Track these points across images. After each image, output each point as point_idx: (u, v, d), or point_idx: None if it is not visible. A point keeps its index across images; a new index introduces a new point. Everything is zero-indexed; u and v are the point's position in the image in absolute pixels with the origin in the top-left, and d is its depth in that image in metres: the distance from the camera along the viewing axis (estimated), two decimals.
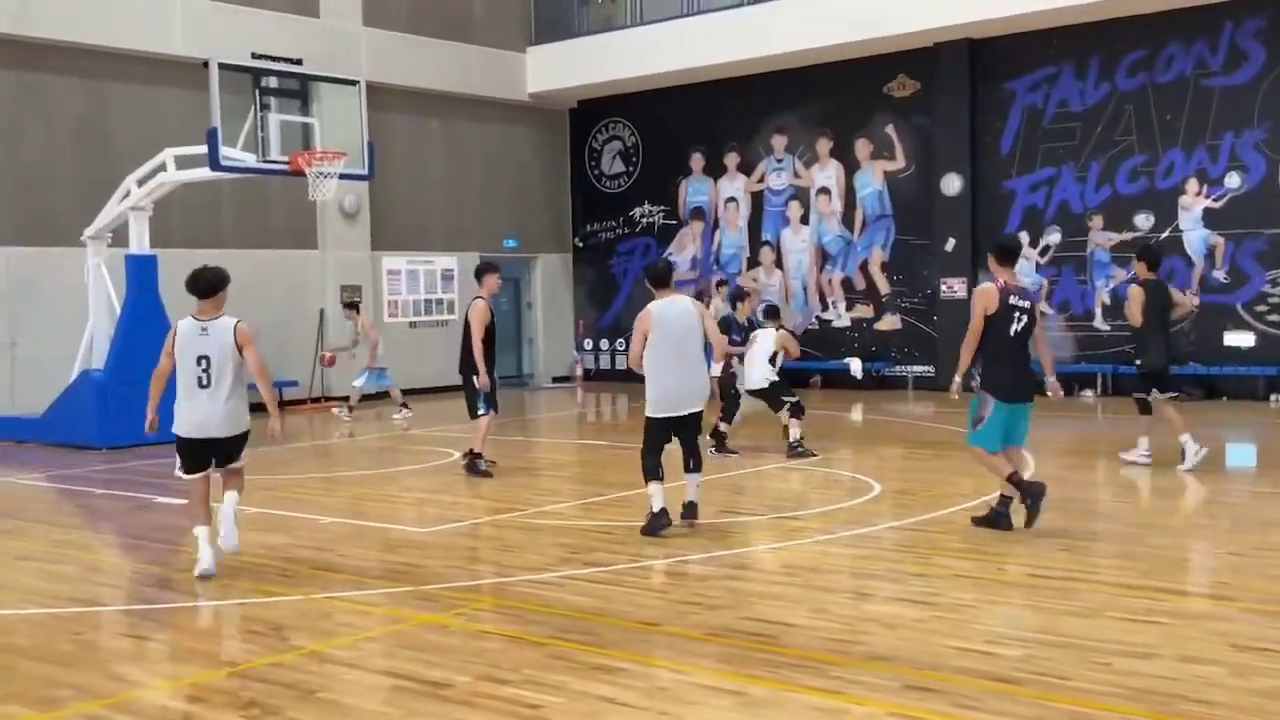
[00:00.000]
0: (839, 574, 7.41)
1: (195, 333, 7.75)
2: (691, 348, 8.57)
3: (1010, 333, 8.31)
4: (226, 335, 7.70)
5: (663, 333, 8.50)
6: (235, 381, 7.72)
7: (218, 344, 7.69)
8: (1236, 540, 8.21)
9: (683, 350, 8.52)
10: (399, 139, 20.69)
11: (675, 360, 8.49)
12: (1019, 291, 8.41)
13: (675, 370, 8.50)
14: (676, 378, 8.50)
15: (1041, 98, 18.60)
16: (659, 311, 8.56)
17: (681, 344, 8.51)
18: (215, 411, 7.70)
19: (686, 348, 8.54)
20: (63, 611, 7.02)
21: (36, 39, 16.73)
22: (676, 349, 8.49)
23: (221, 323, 7.77)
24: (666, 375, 8.50)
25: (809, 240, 21.16)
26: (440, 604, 6.88)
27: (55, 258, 16.47)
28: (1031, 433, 8.97)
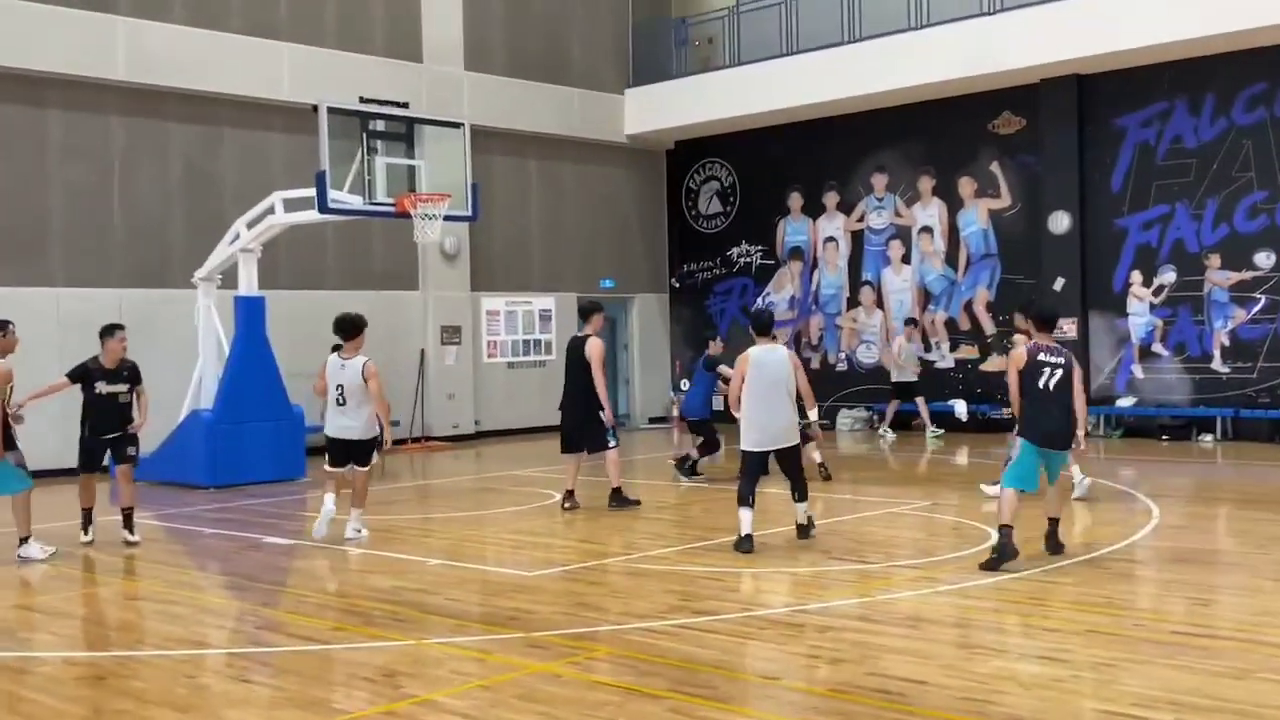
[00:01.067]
0: (965, 627, 7.10)
1: (337, 366, 10.35)
2: (780, 392, 9.57)
3: (1041, 385, 8.91)
4: (356, 371, 10.23)
5: (756, 376, 9.54)
6: (364, 403, 10.26)
7: (351, 376, 10.23)
8: None
9: (774, 393, 9.54)
10: (498, 180, 20.84)
11: (766, 402, 9.52)
12: (1051, 349, 9.00)
13: (765, 410, 9.53)
14: (765, 416, 9.53)
15: (1154, 134, 18.09)
16: (756, 356, 9.61)
17: (774, 387, 9.53)
18: (350, 422, 10.33)
19: (778, 391, 9.55)
20: (176, 654, 7.00)
21: (149, 85, 17.17)
22: (769, 392, 9.52)
23: (355, 361, 10.27)
24: (757, 414, 9.54)
25: (911, 280, 20.81)
26: (552, 652, 6.73)
27: (167, 299, 16.80)
28: (1154, 479, 8.68)
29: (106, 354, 10.73)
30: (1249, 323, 17.29)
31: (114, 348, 10.73)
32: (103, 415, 10.68)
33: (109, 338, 10.76)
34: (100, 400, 10.65)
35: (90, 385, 10.65)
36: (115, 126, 17.12)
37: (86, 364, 10.75)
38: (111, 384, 10.69)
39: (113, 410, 10.73)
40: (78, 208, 16.79)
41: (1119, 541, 9.77)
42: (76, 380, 10.67)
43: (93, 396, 10.65)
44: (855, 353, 21.47)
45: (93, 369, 10.70)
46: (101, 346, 10.76)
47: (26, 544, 9.91)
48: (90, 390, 10.65)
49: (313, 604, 8.17)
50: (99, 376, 10.67)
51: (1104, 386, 18.58)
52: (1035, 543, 9.76)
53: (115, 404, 10.73)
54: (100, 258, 16.92)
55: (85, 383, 10.65)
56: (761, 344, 9.69)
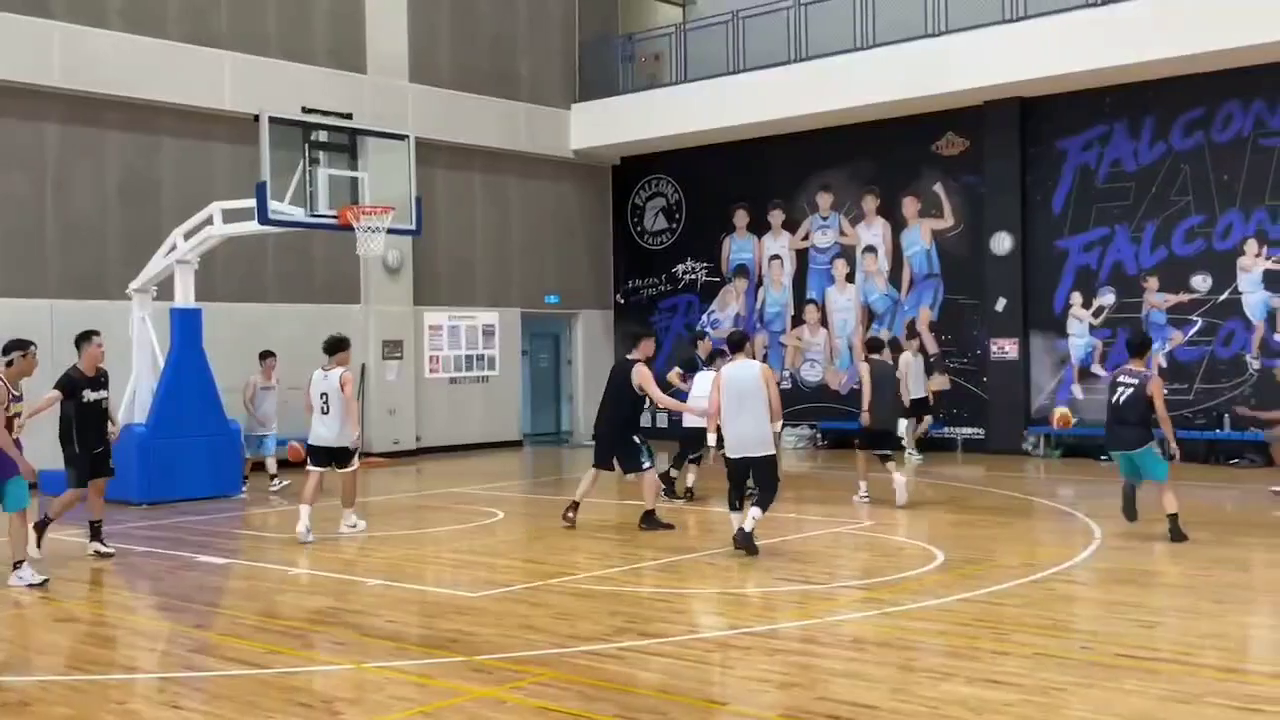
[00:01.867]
0: (914, 650, 7.05)
1: (321, 378, 11.67)
2: (750, 403, 10.09)
3: (1113, 400, 11.01)
4: (335, 380, 11.54)
5: (727, 389, 10.21)
6: (345, 412, 11.53)
7: (332, 387, 11.53)
8: None
9: (743, 405, 10.10)
10: (443, 194, 20.65)
11: (734, 413, 10.15)
12: (1130, 372, 11.04)
13: (738, 420, 10.14)
14: (739, 427, 10.13)
15: (1094, 157, 18.33)
16: (728, 372, 10.37)
17: (742, 399, 10.11)
18: (331, 430, 11.53)
19: (746, 403, 10.10)
20: (105, 678, 6.76)
21: (88, 93, 16.81)
22: (737, 403, 10.13)
23: (335, 372, 11.60)
24: (731, 424, 10.18)
25: (855, 299, 20.90)
26: (496, 676, 6.57)
27: (101, 310, 16.35)
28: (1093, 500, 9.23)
29: (86, 360, 10.35)
30: (1186, 345, 17.54)
31: (94, 354, 10.37)
32: (91, 425, 10.31)
33: (86, 343, 10.38)
34: (88, 409, 10.27)
35: (78, 395, 10.23)
36: (50, 133, 16.73)
37: (70, 374, 10.32)
38: (95, 391, 10.35)
39: (100, 419, 10.41)
40: (11, 216, 16.37)
41: (1063, 562, 9.79)
42: (66, 391, 10.21)
43: (80, 406, 10.23)
44: (799, 371, 21.51)
45: (77, 378, 10.28)
46: (79, 354, 10.38)
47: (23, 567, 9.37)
48: (78, 400, 10.22)
49: (247, 626, 7.94)
50: (85, 385, 10.28)
51: (1044, 407, 18.74)
52: (981, 563, 9.77)
53: (100, 412, 10.41)
54: (33, 267, 16.51)
55: (72, 393, 10.21)
56: (735, 360, 10.41)
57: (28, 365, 9.53)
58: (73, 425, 10.26)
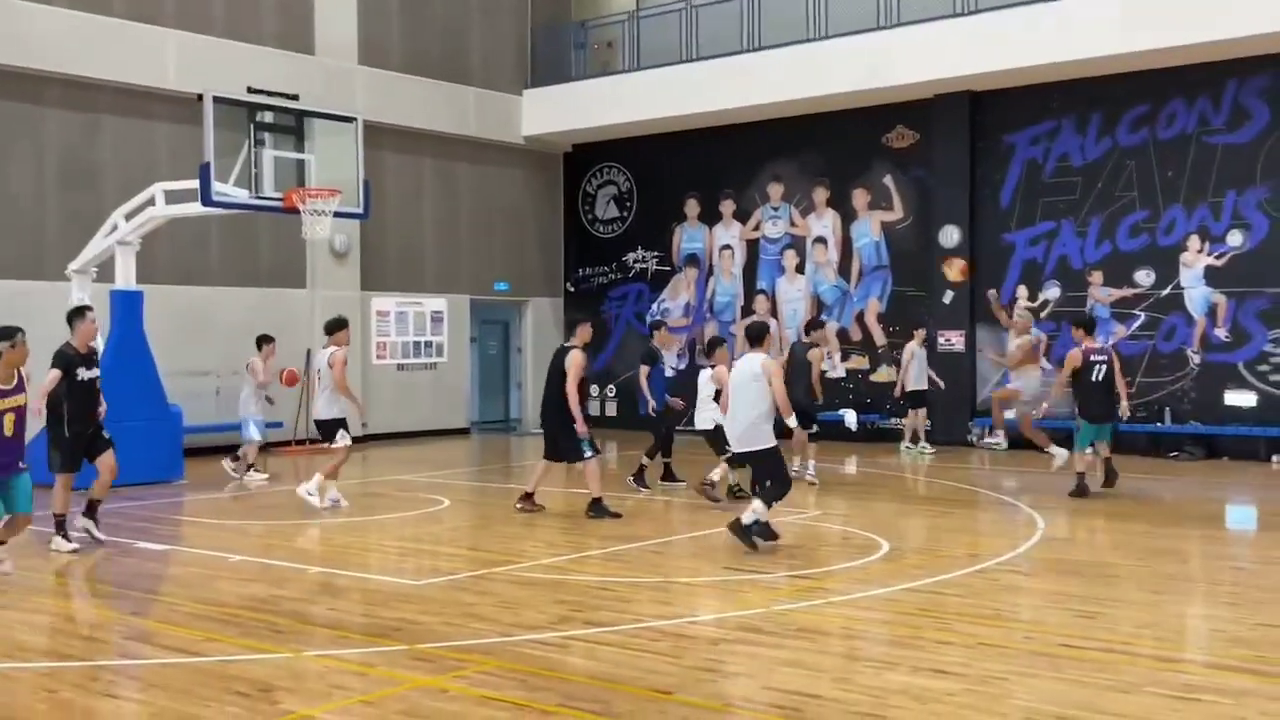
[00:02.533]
0: (858, 639, 7.06)
1: (324, 357, 12.41)
2: (742, 397, 9.89)
3: (1093, 379, 12.60)
4: (324, 359, 12.36)
5: (731, 384, 10.15)
6: (326, 387, 12.28)
7: (325, 364, 12.32)
8: (1264, 610, 7.89)
9: (736, 399, 9.99)
10: (391, 179, 20.44)
11: (731, 406, 10.08)
12: (1097, 350, 12.76)
13: (729, 415, 10.12)
14: (731, 423, 10.10)
15: (1042, 151, 18.49)
16: (735, 366, 10.28)
17: (736, 394, 9.98)
18: (316, 404, 12.54)
19: (739, 397, 9.94)
20: (37, 666, 6.61)
21: (26, 69, 16.44)
22: (734, 398, 10.02)
23: (328, 350, 12.34)
24: (727, 419, 10.19)
25: (805, 289, 20.95)
26: (438, 665, 6.50)
27: (39, 291, 16.05)
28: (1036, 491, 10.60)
29: (80, 337, 9.98)
30: (1129, 339, 17.74)
31: (87, 330, 10.03)
32: (83, 405, 9.92)
33: (80, 319, 10.02)
34: (81, 388, 9.89)
35: (72, 373, 9.82)
36: None
37: (65, 350, 9.86)
38: (89, 369, 9.98)
39: (92, 399, 10.01)
40: None
41: (1005, 553, 9.86)
42: (64, 369, 9.77)
43: (74, 385, 9.84)
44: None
45: (72, 355, 9.85)
46: (72, 330, 10.01)
47: None
48: (72, 378, 9.81)
49: (185, 613, 7.80)
50: (79, 363, 9.88)
51: (989, 399, 18.86)
52: (925, 553, 9.82)
53: (94, 392, 10.03)
54: None
55: (67, 371, 9.79)
56: (752, 351, 10.19)
57: (18, 355, 8.44)
58: (63, 405, 9.84)
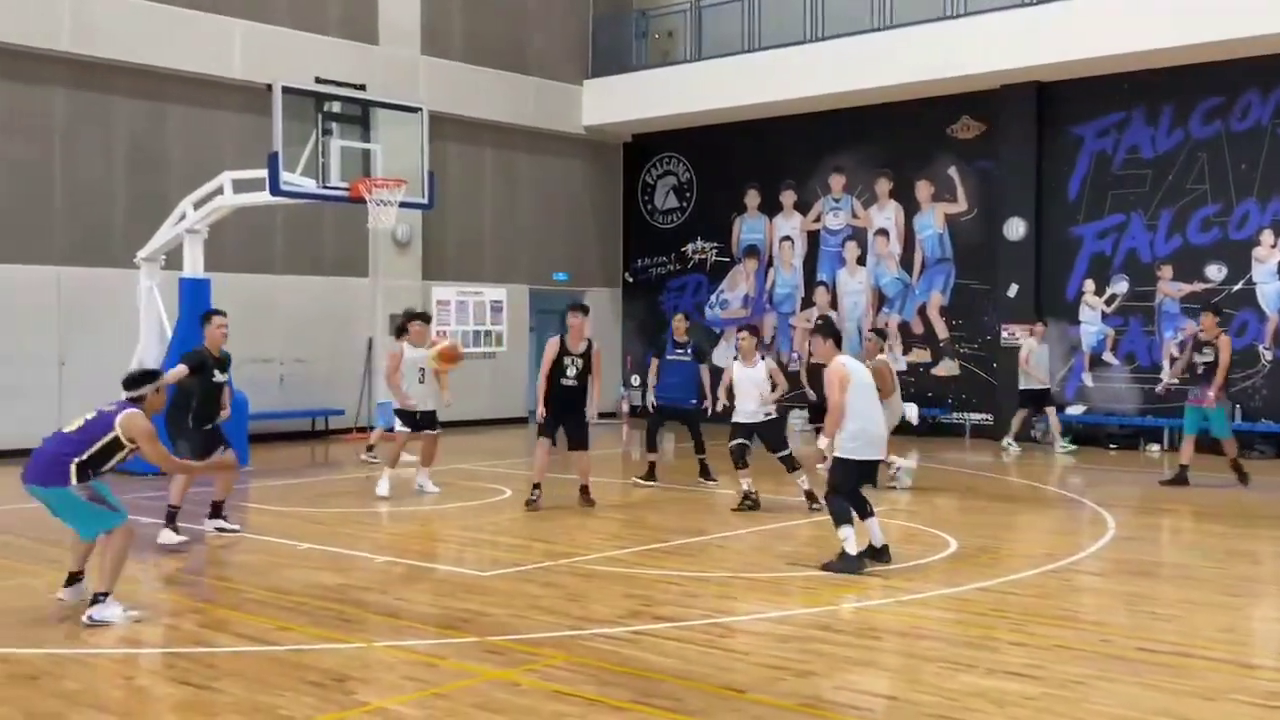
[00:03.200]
0: (931, 640, 6.96)
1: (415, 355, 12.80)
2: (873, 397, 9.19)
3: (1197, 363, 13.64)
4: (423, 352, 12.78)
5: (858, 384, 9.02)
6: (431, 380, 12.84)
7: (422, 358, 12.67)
8: None
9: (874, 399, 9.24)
10: (453, 169, 20.51)
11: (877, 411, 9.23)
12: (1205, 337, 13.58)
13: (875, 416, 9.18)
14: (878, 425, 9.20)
15: (1111, 143, 18.17)
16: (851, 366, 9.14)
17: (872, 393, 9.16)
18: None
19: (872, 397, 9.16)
20: (113, 652, 6.69)
21: (96, 58, 16.66)
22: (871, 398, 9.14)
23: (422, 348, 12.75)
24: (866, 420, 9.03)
25: (866, 282, 20.77)
26: (509, 658, 6.50)
27: (108, 278, 16.31)
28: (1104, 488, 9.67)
29: (209, 340, 10.38)
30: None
31: (215, 333, 10.41)
32: (209, 405, 10.26)
33: (207, 324, 10.47)
34: (211, 389, 10.26)
35: (207, 373, 10.21)
36: (58, 99, 16.59)
37: (199, 351, 10.33)
38: (222, 373, 10.41)
39: (218, 401, 10.38)
40: (17, 182, 16.24)
41: (1076, 553, 9.71)
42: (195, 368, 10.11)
43: (208, 386, 10.24)
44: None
45: (206, 357, 10.28)
46: (204, 333, 10.46)
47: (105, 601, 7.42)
48: (206, 378, 10.20)
49: (255, 601, 7.87)
50: (214, 365, 10.32)
51: (1054, 394, 18.61)
52: (994, 551, 9.69)
53: (219, 394, 10.41)
54: (39, 234, 16.38)
55: (199, 371, 10.14)
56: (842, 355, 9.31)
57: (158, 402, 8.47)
58: (192, 401, 10.11)
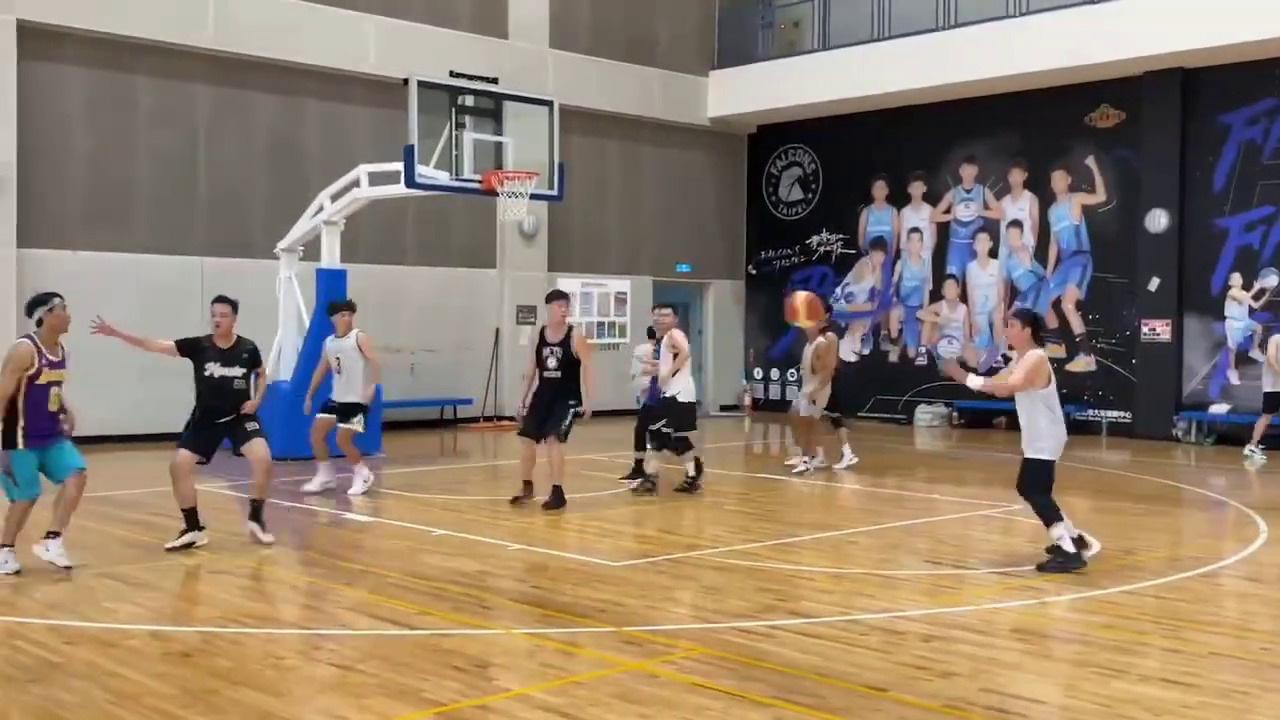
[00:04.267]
0: (1079, 643, 6.76)
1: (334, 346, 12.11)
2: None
3: None
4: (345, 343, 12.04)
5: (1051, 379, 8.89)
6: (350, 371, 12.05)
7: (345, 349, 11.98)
8: None
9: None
10: (579, 160, 20.61)
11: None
12: None
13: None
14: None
15: (1261, 132, 17.43)
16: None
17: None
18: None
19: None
20: (260, 632, 6.86)
21: (236, 54, 17.15)
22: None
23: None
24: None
25: (997, 275, 20.30)
26: (646, 649, 6.49)
27: (248, 269, 16.78)
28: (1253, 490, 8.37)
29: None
30: None
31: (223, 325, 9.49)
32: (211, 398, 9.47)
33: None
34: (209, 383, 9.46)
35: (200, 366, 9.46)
36: (201, 94, 17.13)
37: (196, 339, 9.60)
38: (226, 367, 9.47)
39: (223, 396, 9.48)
40: (163, 175, 16.82)
41: (1227, 556, 9.35)
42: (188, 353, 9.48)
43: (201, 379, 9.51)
44: (936, 347, 21.01)
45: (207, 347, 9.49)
46: None
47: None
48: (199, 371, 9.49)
49: (395, 585, 8.00)
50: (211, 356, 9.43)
51: (1197, 392, 17.98)
52: (1139, 554, 9.36)
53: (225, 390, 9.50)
54: (183, 225, 16.95)
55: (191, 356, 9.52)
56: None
57: (58, 321, 8.42)
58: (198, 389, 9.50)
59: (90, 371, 16.01)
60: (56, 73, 15.93)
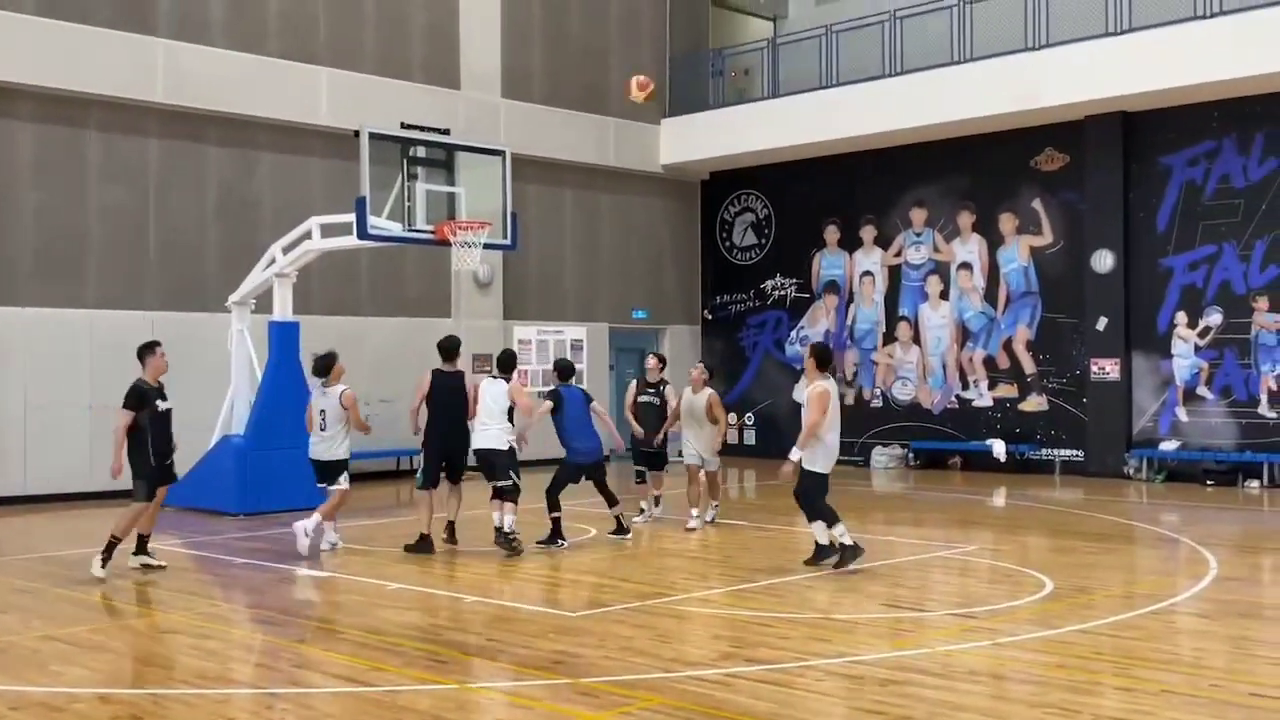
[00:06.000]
0: (1033, 684, 6.79)
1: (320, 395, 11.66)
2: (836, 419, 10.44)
3: None
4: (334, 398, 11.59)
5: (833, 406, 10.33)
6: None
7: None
8: None
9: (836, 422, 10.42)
10: (533, 209, 20.68)
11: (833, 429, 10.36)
12: None
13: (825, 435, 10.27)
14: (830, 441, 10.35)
15: (1201, 173, 17.81)
16: (831, 388, 10.38)
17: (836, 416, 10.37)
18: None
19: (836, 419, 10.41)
20: (211, 693, 6.77)
21: (187, 108, 17.11)
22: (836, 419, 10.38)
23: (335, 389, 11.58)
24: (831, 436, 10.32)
25: (949, 316, 20.53)
26: (603, 701, 6.46)
27: (199, 322, 16.67)
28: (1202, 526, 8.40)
29: (152, 371, 10.43)
30: None
31: (158, 364, 10.47)
32: (163, 435, 10.35)
33: (150, 355, 10.48)
34: (162, 419, 10.30)
35: (150, 405, 10.22)
36: (153, 149, 17.06)
37: (139, 387, 10.30)
38: (165, 402, 10.40)
39: (169, 428, 10.45)
40: (114, 229, 16.71)
41: (1178, 593, 9.46)
42: (137, 407, 10.16)
43: (156, 415, 10.24)
44: (891, 389, 21.17)
45: (146, 389, 10.30)
46: (144, 366, 10.43)
47: None
48: (154, 409, 10.22)
49: (350, 641, 7.92)
50: (156, 395, 10.33)
51: (1147, 429, 18.22)
52: (1092, 592, 9.45)
53: (168, 422, 10.46)
54: (134, 280, 16.83)
55: (145, 404, 10.19)
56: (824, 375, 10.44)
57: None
58: (148, 436, 10.17)
59: (38, 429, 15.87)
60: (5, 128, 15.84)
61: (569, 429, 11.90)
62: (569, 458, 11.98)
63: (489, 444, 11.50)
